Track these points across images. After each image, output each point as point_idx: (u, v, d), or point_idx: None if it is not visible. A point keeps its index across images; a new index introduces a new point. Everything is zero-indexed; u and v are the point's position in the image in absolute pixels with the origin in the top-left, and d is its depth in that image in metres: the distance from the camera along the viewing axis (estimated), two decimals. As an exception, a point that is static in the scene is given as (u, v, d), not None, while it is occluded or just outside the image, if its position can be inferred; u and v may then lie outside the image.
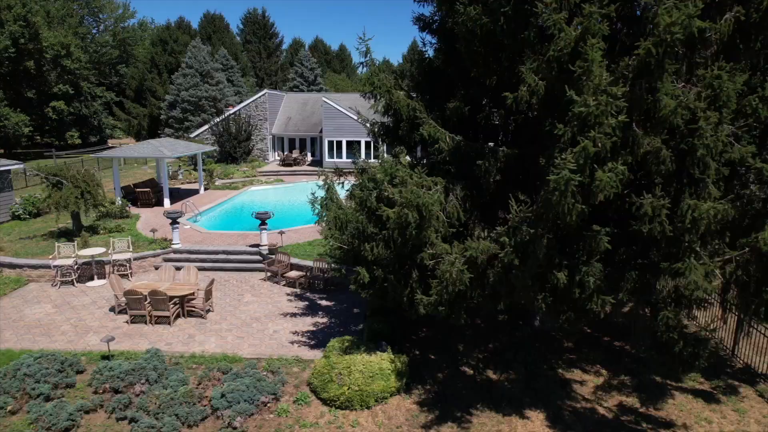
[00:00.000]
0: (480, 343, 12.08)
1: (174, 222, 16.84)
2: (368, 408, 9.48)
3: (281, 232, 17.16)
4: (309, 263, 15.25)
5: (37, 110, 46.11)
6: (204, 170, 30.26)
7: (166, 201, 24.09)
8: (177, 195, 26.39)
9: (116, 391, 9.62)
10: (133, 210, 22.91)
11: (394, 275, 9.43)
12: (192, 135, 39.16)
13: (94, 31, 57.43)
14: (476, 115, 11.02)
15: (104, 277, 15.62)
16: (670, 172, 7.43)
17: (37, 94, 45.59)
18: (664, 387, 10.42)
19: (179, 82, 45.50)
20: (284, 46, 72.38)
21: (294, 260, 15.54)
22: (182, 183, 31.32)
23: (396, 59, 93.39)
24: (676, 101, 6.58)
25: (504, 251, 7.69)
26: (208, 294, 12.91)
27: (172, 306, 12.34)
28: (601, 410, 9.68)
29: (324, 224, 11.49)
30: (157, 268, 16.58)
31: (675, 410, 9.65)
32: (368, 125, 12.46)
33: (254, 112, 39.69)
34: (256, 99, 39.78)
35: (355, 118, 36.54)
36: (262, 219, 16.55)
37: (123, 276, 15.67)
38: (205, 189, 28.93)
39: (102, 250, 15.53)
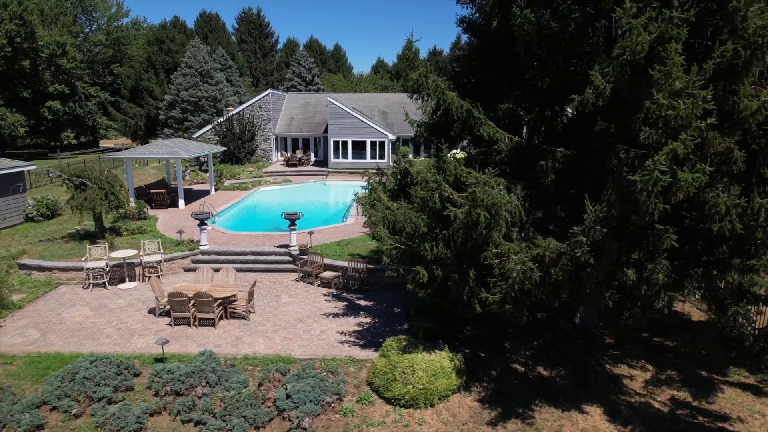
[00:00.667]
0: (524, 340, 12.26)
1: (202, 223, 16.75)
2: (432, 406, 9.60)
3: (310, 233, 17.17)
4: (343, 263, 15.30)
5: (31, 110, 45.27)
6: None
7: (181, 202, 23.91)
8: (189, 196, 26.17)
9: (178, 394, 9.58)
10: (149, 211, 22.67)
11: (457, 274, 9.53)
12: (195, 135, 38.81)
13: (87, 30, 56.52)
14: (525, 116, 11.20)
15: (135, 280, 15.49)
16: (740, 171, 7.68)
17: (32, 93, 44.75)
18: (712, 381, 10.70)
19: (179, 82, 45.04)
20: (279, 46, 72.08)
21: (327, 260, 15.57)
22: (190, 184, 31.05)
23: (391, 59, 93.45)
24: (758, 102, 6.80)
25: (581, 250, 7.85)
26: (251, 295, 12.90)
27: (216, 308, 12.30)
28: (656, 404, 9.92)
29: (370, 224, 11.59)
30: (186, 270, 16.51)
31: (727, 403, 9.93)
32: (415, 126, 12.50)
33: (258, 113, 39.50)
34: (259, 99, 39.58)
35: (361, 118, 36.72)
36: (292, 220, 16.54)
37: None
38: (216, 190, 28.75)
39: (133, 252, 15.39)
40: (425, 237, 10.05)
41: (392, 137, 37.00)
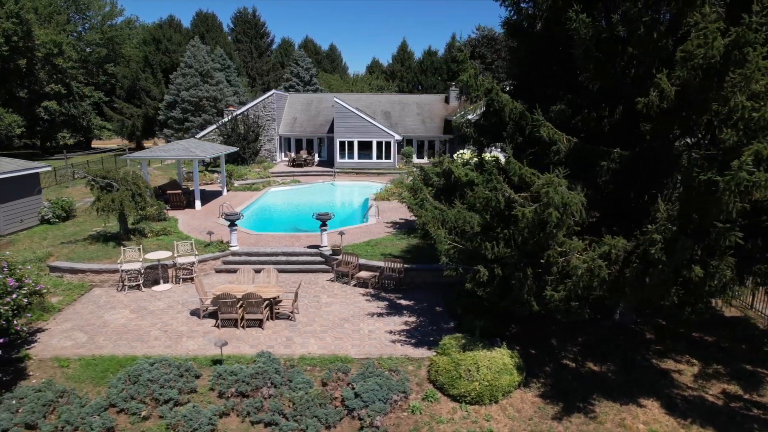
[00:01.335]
0: (569, 337, 12.49)
1: (232, 224, 16.70)
2: (496, 402, 9.76)
3: (341, 233, 17.22)
4: (379, 263, 15.39)
5: (27, 110, 44.42)
6: (218, 171, 29.82)
7: (198, 203, 23.74)
8: (203, 197, 25.97)
9: (243, 395, 9.60)
10: (168, 213, 22.47)
11: (521, 273, 9.70)
12: (198, 136, 38.48)
13: (80, 29, 55.57)
14: (575, 117, 11.43)
15: (168, 281, 15.39)
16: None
17: (28, 93, 43.92)
18: (758, 374, 11.04)
19: (179, 82, 44.64)
20: (273, 46, 71.71)
21: (362, 260, 15.65)
22: (199, 185, 30.78)
23: (386, 59, 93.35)
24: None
25: (655, 247, 8.07)
26: (296, 296, 12.92)
27: (264, 309, 12.31)
28: (709, 398, 10.21)
29: (420, 224, 11.72)
30: (217, 271, 16.45)
31: (778, 395, 10.27)
32: (464, 126, 12.64)
33: (262, 113, 39.32)
34: (264, 99, 39.41)
35: (367, 118, 36.78)
36: (323, 220, 16.57)
37: (186, 280, 15.47)
38: (227, 190, 28.59)
39: (168, 253, 15.29)
40: (486, 236, 10.22)
41: (398, 138, 37.15)
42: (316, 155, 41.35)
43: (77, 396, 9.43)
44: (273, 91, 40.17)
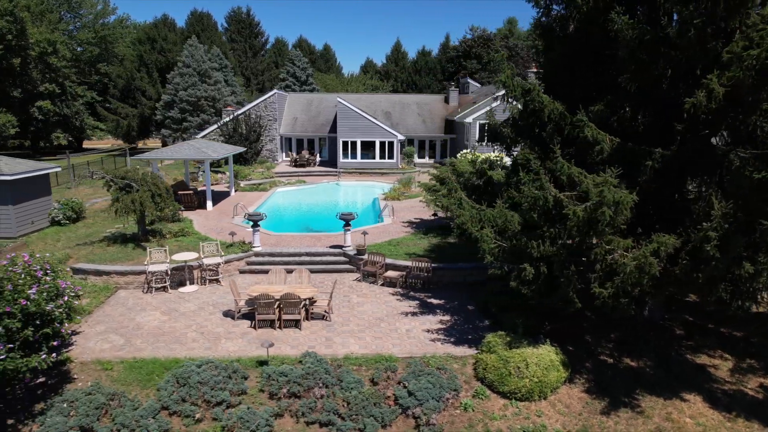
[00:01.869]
0: (602, 334, 12.67)
1: (255, 225, 16.62)
2: (545, 398, 9.89)
3: (364, 233, 17.24)
4: (406, 263, 15.45)
5: (21, 110, 43.58)
6: (222, 172, 29.63)
7: (209, 203, 23.56)
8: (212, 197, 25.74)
9: (295, 396, 9.59)
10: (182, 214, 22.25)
11: (569, 270, 9.84)
12: (199, 136, 38.12)
13: (71, 27, 54.64)
14: (611, 117, 11.60)
15: (194, 283, 15.27)
16: None
17: (22, 93, 43.09)
18: (791, 367, 11.34)
19: (176, 82, 44.16)
20: (267, 46, 71.31)
21: (388, 260, 15.69)
22: (204, 185, 30.53)
23: (379, 59, 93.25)
24: None
25: (710, 244, 8.26)
26: (331, 296, 12.92)
27: (301, 309, 12.30)
28: (749, 391, 10.47)
29: (459, 223, 11.80)
30: (241, 272, 16.36)
31: (814, 388, 10.56)
32: (500, 126, 12.75)
33: (264, 113, 39.09)
34: (265, 99, 39.18)
35: (370, 118, 36.79)
36: (347, 220, 16.58)
37: (212, 281, 15.37)
38: (235, 191, 28.40)
39: (194, 254, 15.17)
40: (531, 235, 10.34)
41: (401, 137, 37.22)
42: (318, 155, 41.24)
43: (128, 399, 9.33)
44: (275, 90, 39.99)
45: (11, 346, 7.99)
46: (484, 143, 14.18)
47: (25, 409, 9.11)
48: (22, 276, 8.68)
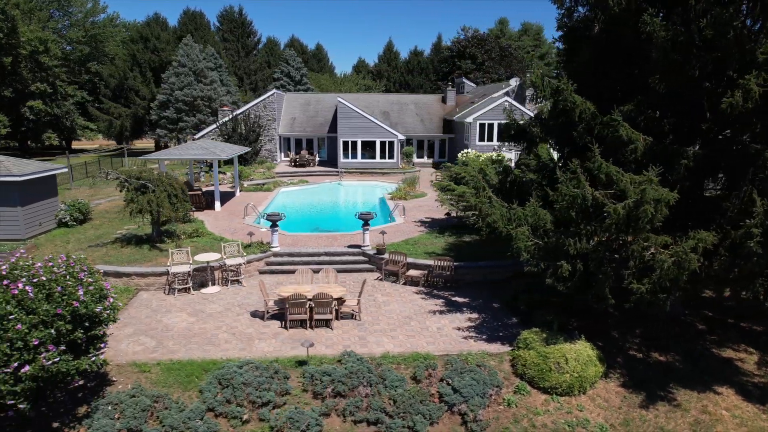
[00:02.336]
0: (627, 329, 12.90)
1: (274, 225, 16.56)
2: (584, 393, 10.05)
3: (383, 233, 17.28)
4: (427, 262, 15.53)
5: (11, 110, 42.70)
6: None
7: (217, 204, 23.39)
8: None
9: (341, 395, 9.61)
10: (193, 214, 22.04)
11: (609, 267, 10.01)
12: (197, 136, 37.77)
13: (60, 26, 53.66)
14: (639, 117, 11.82)
15: (215, 284, 15.16)
16: None
17: (13, 92, 42.21)
18: (814, 360, 11.67)
19: (172, 81, 43.69)
20: (260, 46, 70.83)
21: (410, 259, 15.76)
22: (206, 185, 30.29)
23: (371, 59, 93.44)
24: None
25: (753, 240, 8.49)
26: (360, 295, 12.95)
27: (333, 309, 12.30)
28: (778, 383, 10.76)
29: (491, 221, 11.92)
30: (261, 272, 16.28)
31: (838, 379, 10.89)
32: (530, 126, 12.88)
33: (263, 112, 38.87)
34: (264, 99, 38.97)
35: (371, 118, 36.82)
36: (366, 220, 16.60)
37: (234, 281, 15.28)
38: (240, 191, 28.22)
39: (217, 255, 15.07)
40: (566, 232, 10.49)
41: (401, 137, 37.31)
42: (317, 155, 41.14)
43: (172, 401, 9.26)
44: (274, 90, 39.79)
45: (63, 348, 7.88)
46: (504, 143, 14.26)
47: (68, 412, 8.99)
48: (67, 277, 8.56)
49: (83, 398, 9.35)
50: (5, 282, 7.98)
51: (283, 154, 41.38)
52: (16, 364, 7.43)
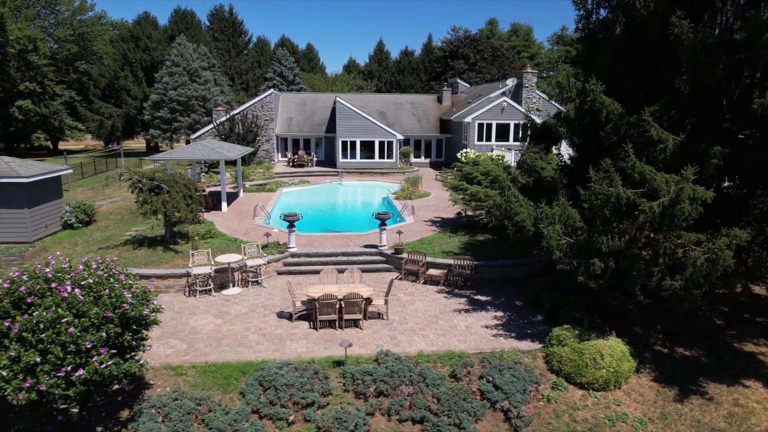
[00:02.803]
0: (649, 325, 13.15)
1: (290, 225, 16.49)
2: (619, 388, 10.24)
3: (399, 232, 17.33)
4: (447, 261, 15.63)
5: (-1, 110, 41.79)
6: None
7: (224, 204, 23.20)
8: (219, 198, 25.31)
9: (383, 395, 9.64)
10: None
11: (642, 264, 10.20)
12: (194, 136, 37.36)
13: (47, 24, 52.58)
14: (663, 117, 12.06)
15: (235, 285, 15.05)
16: None
17: (1, 92, 41.24)
18: (832, 352, 12.05)
19: (165, 81, 43.14)
20: (250, 45, 70.31)
21: (429, 258, 15.84)
22: (207, 186, 29.98)
23: (362, 59, 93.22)
24: None
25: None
26: (387, 294, 12.98)
27: (362, 308, 12.32)
28: (801, 375, 11.08)
29: (519, 221, 12.06)
30: (279, 273, 16.21)
31: None
32: (556, 126, 13.04)
33: (260, 112, 38.61)
34: (261, 99, 38.71)
35: (370, 118, 36.83)
36: (383, 219, 16.63)
37: (254, 282, 15.19)
38: (242, 191, 28.01)
39: (238, 256, 14.94)
40: (598, 230, 10.67)
41: (400, 137, 37.39)
42: (314, 155, 41.00)
43: (216, 403, 9.19)
44: (271, 90, 39.56)
45: (114, 351, 7.77)
46: (528, 142, 14.42)
47: (110, 416, 8.87)
48: (111, 280, 8.45)
49: (123, 402, 9.23)
50: (53, 284, 7.84)
51: (280, 154, 41.16)
52: (69, 368, 7.31)
